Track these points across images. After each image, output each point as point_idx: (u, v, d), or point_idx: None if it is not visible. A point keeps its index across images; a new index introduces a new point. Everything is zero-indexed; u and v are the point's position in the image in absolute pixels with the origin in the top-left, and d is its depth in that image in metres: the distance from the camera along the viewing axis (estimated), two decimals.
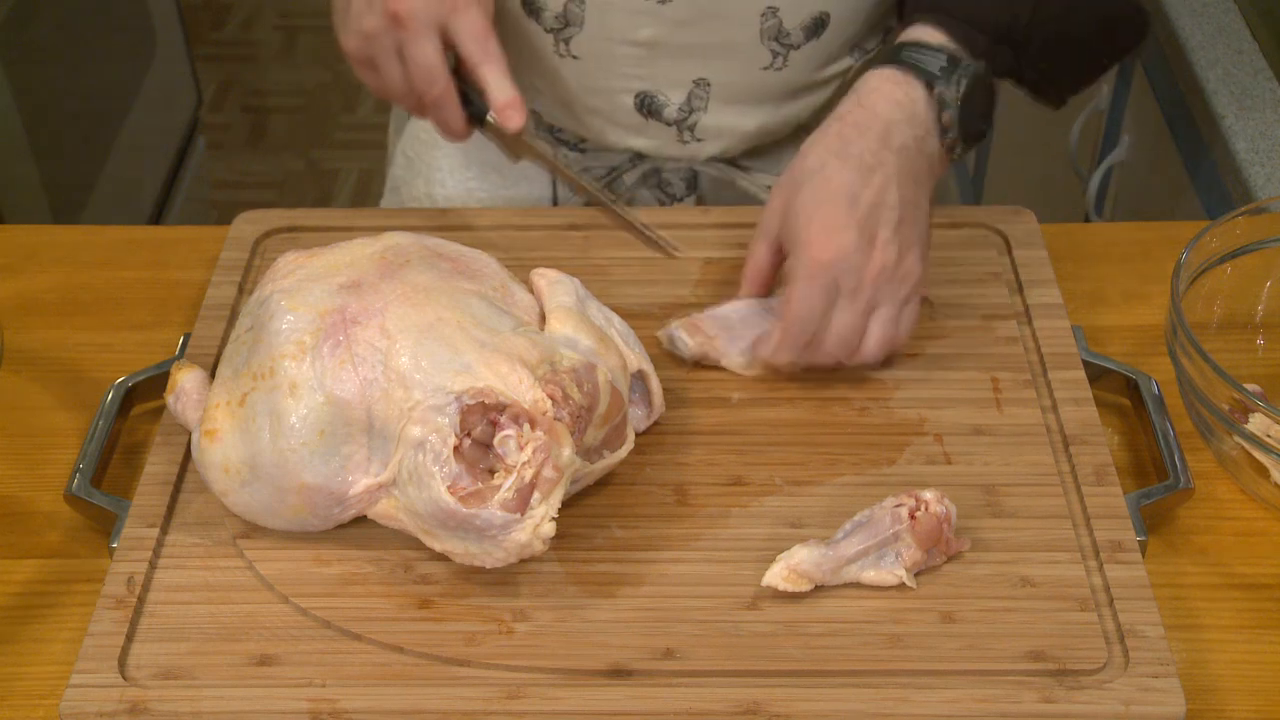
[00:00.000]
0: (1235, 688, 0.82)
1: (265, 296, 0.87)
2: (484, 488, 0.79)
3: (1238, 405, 0.89)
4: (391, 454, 0.82)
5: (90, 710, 0.78)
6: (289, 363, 0.83)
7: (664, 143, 1.14)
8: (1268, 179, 1.26)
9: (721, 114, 1.12)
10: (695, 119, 1.12)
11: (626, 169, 1.17)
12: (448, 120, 1.00)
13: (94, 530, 0.90)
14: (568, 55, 1.10)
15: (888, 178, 0.93)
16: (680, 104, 1.11)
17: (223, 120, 3.18)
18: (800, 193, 0.94)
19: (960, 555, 0.85)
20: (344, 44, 1.02)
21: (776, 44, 1.08)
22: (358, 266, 0.88)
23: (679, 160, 1.16)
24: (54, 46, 2.28)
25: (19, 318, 1.06)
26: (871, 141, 0.94)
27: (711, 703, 0.78)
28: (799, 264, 0.92)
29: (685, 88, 1.11)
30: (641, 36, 1.08)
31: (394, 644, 0.81)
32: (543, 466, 0.79)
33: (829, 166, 0.93)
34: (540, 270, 0.92)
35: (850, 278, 0.92)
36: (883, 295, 0.93)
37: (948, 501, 0.84)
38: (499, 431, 0.80)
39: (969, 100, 0.96)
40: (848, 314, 0.92)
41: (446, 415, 0.80)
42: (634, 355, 0.91)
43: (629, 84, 1.11)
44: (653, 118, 1.12)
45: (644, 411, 0.92)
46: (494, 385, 0.81)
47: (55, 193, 2.24)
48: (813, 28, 1.08)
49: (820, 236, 0.92)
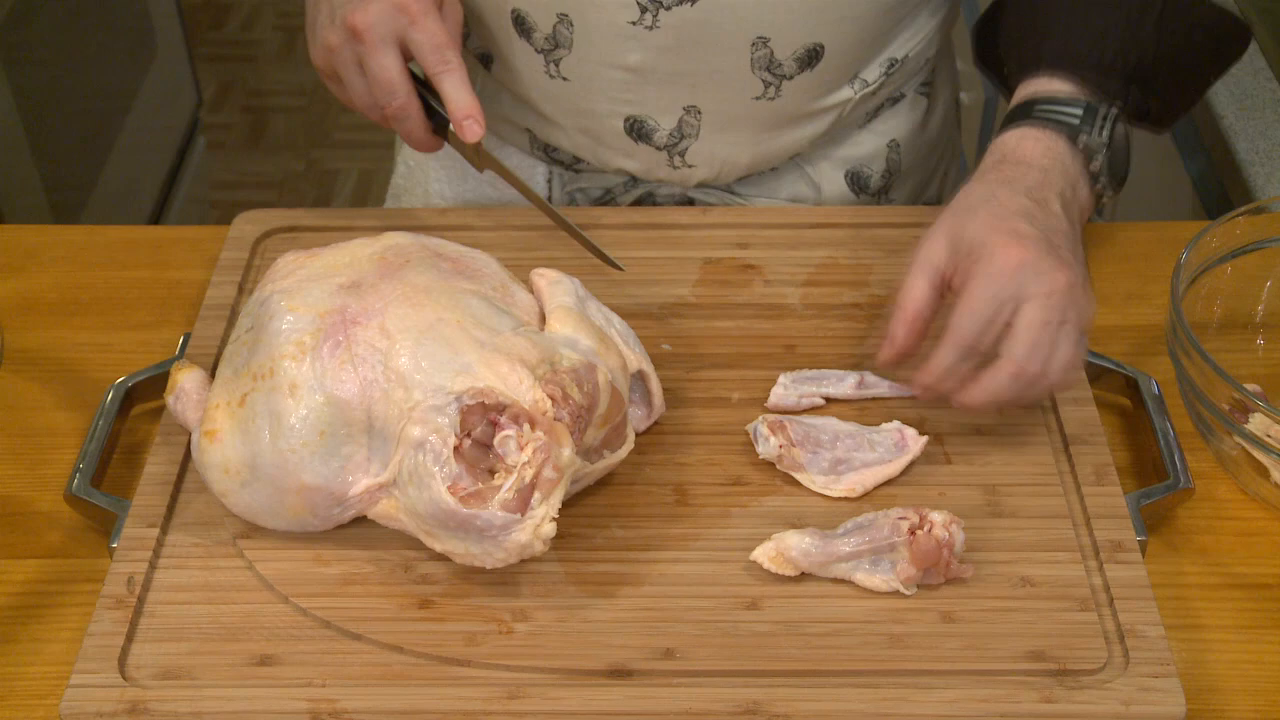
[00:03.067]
0: (1235, 688, 0.82)
1: (265, 297, 0.87)
2: (484, 488, 0.79)
3: (1238, 405, 0.89)
4: (391, 454, 0.82)
5: (90, 710, 0.78)
6: (289, 363, 0.83)
7: (655, 166, 1.13)
8: (1268, 179, 1.26)
9: (713, 141, 1.11)
10: (686, 145, 1.11)
11: (620, 191, 1.17)
12: (411, 131, 1.00)
13: (94, 530, 0.90)
14: (558, 76, 1.09)
15: (1054, 214, 0.90)
16: (671, 130, 1.10)
17: (223, 120, 3.18)
18: (973, 218, 0.89)
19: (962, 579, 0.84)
20: (312, 57, 1.03)
21: (768, 73, 1.06)
22: (357, 267, 0.88)
23: (671, 184, 1.16)
24: (54, 46, 2.28)
25: (19, 318, 1.06)
26: (1032, 180, 0.92)
27: (711, 703, 0.78)
28: (980, 269, 0.86)
29: (676, 114, 1.10)
30: (629, 62, 1.07)
31: (394, 644, 0.81)
32: (543, 467, 0.79)
33: (999, 195, 0.90)
34: (540, 270, 0.92)
35: (1040, 283, 0.85)
36: (1070, 310, 0.86)
37: (955, 528, 0.82)
38: (499, 432, 0.80)
39: (1115, 145, 0.95)
40: (1038, 312, 0.85)
41: (446, 415, 0.80)
42: (634, 355, 0.90)
43: (618, 108, 1.10)
44: (643, 142, 1.11)
45: (644, 412, 0.92)
46: (494, 385, 0.81)
47: (55, 193, 2.24)
48: (806, 59, 1.06)
49: (1007, 241, 0.86)
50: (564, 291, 0.90)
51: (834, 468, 0.89)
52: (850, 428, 0.91)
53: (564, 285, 0.90)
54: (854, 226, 1.09)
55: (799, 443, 0.89)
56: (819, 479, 0.89)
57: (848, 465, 0.89)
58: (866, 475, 0.89)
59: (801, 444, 0.89)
